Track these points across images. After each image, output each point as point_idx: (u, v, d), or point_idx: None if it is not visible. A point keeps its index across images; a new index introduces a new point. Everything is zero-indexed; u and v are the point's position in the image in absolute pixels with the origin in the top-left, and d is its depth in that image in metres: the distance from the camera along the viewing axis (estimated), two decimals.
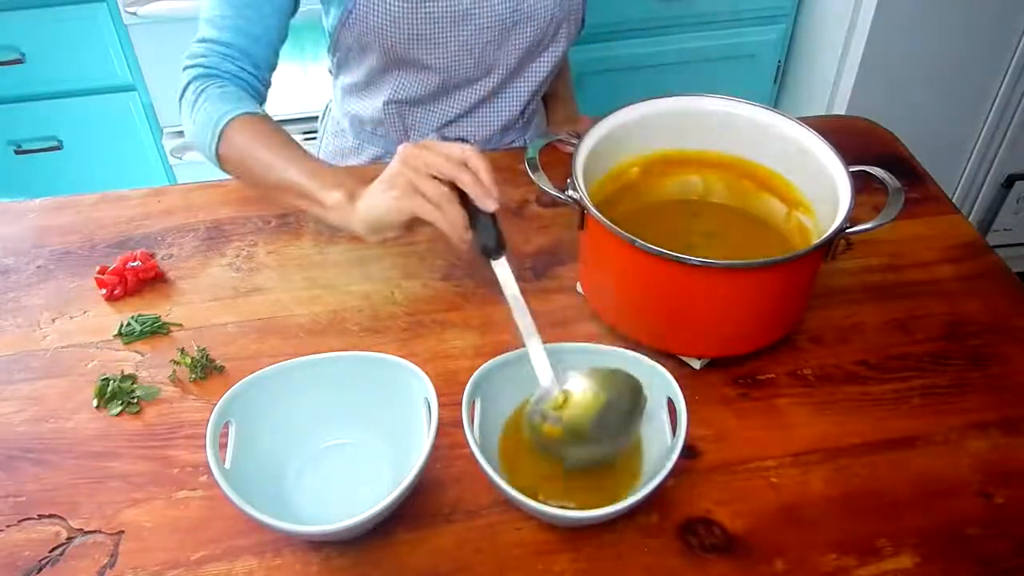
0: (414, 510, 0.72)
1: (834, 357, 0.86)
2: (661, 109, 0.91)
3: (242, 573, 0.69)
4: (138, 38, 1.70)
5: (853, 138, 1.14)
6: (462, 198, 0.79)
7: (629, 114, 0.90)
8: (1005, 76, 1.82)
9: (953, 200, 1.08)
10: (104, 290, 0.93)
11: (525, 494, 0.66)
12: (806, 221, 0.89)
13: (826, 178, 0.84)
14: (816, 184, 0.86)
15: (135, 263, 0.94)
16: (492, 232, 0.78)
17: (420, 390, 0.73)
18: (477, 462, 0.68)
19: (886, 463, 0.77)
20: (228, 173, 0.95)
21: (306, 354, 0.77)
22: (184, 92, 0.96)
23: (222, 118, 0.91)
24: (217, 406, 0.71)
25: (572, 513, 0.68)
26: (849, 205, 0.78)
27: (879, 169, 0.84)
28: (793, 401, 0.82)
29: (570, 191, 0.81)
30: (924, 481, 0.75)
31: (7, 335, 0.89)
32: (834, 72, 1.84)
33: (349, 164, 1.21)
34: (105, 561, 0.70)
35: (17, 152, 1.83)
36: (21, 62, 1.70)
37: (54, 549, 0.71)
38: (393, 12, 0.98)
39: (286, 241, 0.99)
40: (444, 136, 1.14)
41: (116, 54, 1.73)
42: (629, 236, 0.75)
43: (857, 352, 0.87)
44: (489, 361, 0.76)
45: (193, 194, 1.06)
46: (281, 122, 0.93)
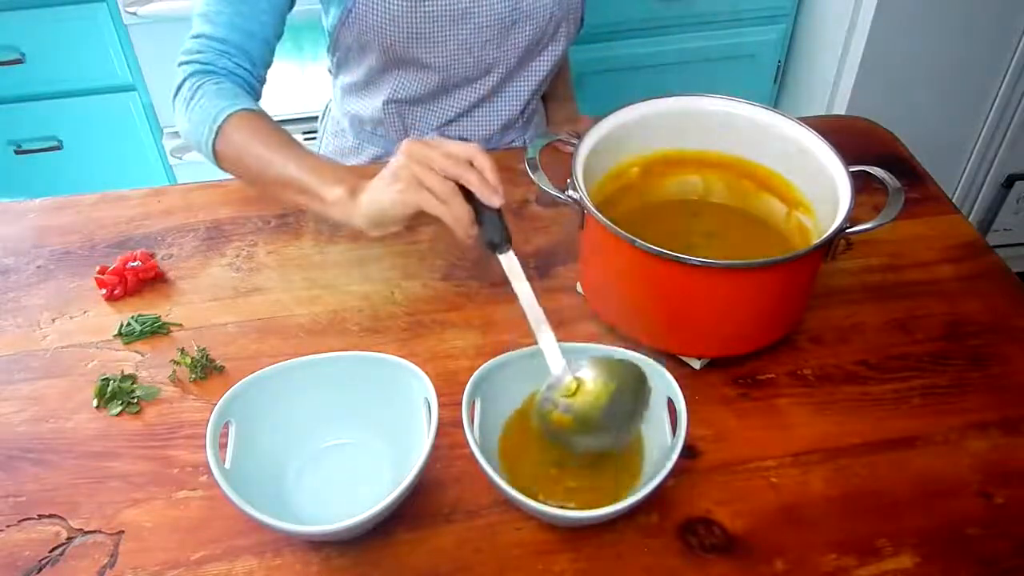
0: (414, 510, 0.72)
1: (834, 357, 0.86)
2: (661, 109, 0.91)
3: (242, 573, 0.69)
4: (138, 38, 1.70)
5: (853, 138, 1.14)
6: (465, 193, 0.79)
7: (629, 114, 0.90)
8: (1005, 76, 1.82)
9: (953, 200, 1.08)
10: (104, 290, 0.93)
11: (525, 494, 0.66)
12: (806, 221, 0.89)
13: (826, 178, 0.84)
14: (816, 184, 0.86)
15: (135, 263, 0.94)
16: (499, 227, 0.78)
17: (420, 390, 0.73)
18: (477, 462, 0.68)
19: (886, 463, 0.77)
20: (225, 170, 0.95)
21: (306, 354, 0.77)
22: (179, 88, 0.95)
23: (219, 114, 0.90)
24: (217, 406, 0.71)
25: (572, 513, 0.68)
26: (849, 205, 0.78)
27: (879, 169, 0.84)
28: (793, 401, 0.82)
29: (570, 191, 0.81)
30: (924, 481, 0.75)
31: (7, 335, 0.89)
32: (834, 72, 1.84)
33: (349, 164, 1.21)
34: (105, 561, 0.70)
35: (17, 152, 1.83)
36: (21, 62, 1.70)
37: (54, 549, 0.71)
38: (393, 11, 0.98)
39: (286, 241, 0.99)
40: (445, 135, 1.14)
41: (116, 54, 1.73)
42: (629, 236, 0.75)
43: (857, 352, 0.87)
44: (489, 361, 0.75)
45: (193, 194, 1.06)
46: (281, 122, 0.93)
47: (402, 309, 0.91)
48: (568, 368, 0.75)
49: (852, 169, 0.82)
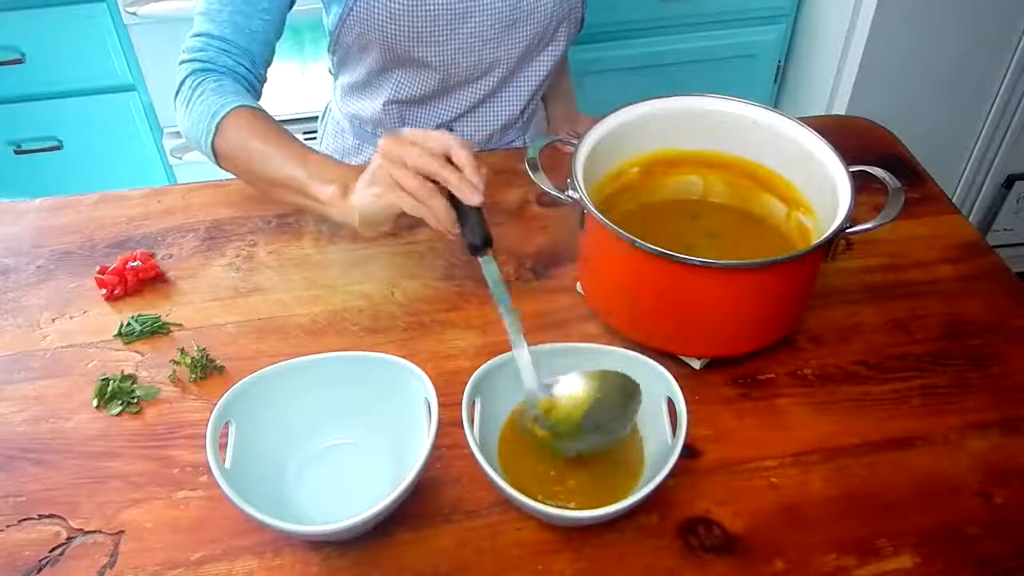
0: (414, 510, 0.72)
1: (834, 357, 0.86)
2: (661, 109, 0.91)
3: (242, 573, 0.69)
4: (138, 38, 1.70)
5: (853, 138, 1.14)
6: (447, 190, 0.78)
7: (629, 114, 0.90)
8: (1005, 76, 1.82)
9: (953, 200, 1.08)
10: (104, 290, 0.93)
11: (525, 494, 0.66)
12: (806, 221, 0.89)
13: (826, 178, 0.84)
14: (816, 184, 0.86)
15: (135, 263, 0.94)
16: (477, 228, 0.78)
17: (420, 390, 0.73)
18: (477, 462, 0.68)
19: (886, 463, 0.77)
20: (224, 168, 0.95)
21: (306, 354, 0.76)
22: (180, 86, 0.95)
23: (219, 111, 0.91)
24: (217, 406, 0.71)
25: (572, 513, 0.68)
26: (849, 205, 0.78)
27: (879, 169, 0.84)
28: (793, 401, 0.82)
29: (570, 191, 0.81)
30: (924, 481, 0.75)
31: (7, 335, 0.89)
32: (834, 72, 1.84)
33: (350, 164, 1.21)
34: (105, 561, 0.70)
35: (17, 152, 1.83)
36: (21, 62, 1.70)
37: (54, 549, 0.71)
38: (393, 9, 0.98)
39: (286, 241, 0.99)
40: None
41: (116, 54, 1.73)
42: (629, 236, 0.75)
43: (857, 352, 0.87)
44: (489, 361, 0.75)
45: (193, 194, 1.06)
46: (281, 122, 0.93)
47: (402, 309, 0.91)
48: (541, 387, 0.75)
49: (852, 169, 0.82)
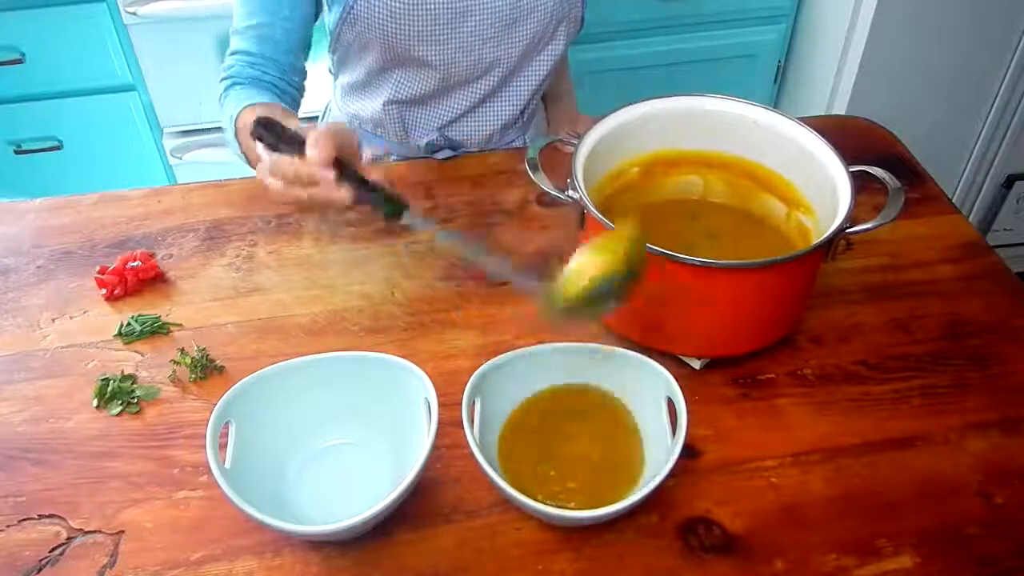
0: (414, 510, 0.72)
1: (834, 357, 0.86)
2: (661, 109, 0.91)
3: (242, 573, 0.69)
4: (138, 38, 1.70)
5: (853, 138, 1.14)
6: (343, 170, 0.77)
7: (629, 114, 0.90)
8: (1005, 76, 1.81)
9: (953, 200, 1.08)
10: (104, 290, 0.93)
11: (525, 494, 0.66)
12: (806, 221, 0.89)
13: (826, 178, 0.84)
14: (816, 184, 0.86)
15: (135, 263, 0.94)
16: (381, 197, 0.79)
17: (420, 390, 0.73)
18: (477, 462, 0.68)
19: (886, 463, 0.77)
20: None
21: (306, 354, 0.76)
22: (218, 101, 1.03)
23: (234, 112, 0.96)
24: (217, 406, 0.71)
25: (572, 513, 0.68)
26: (849, 205, 0.78)
27: (879, 169, 0.84)
28: (793, 401, 0.82)
29: (570, 191, 0.81)
30: (924, 481, 0.75)
31: (7, 335, 0.89)
32: (834, 72, 1.84)
33: None
34: (105, 561, 0.70)
35: (17, 152, 1.83)
36: (21, 62, 1.70)
37: (54, 549, 0.71)
38: (394, 8, 0.98)
39: (286, 241, 0.99)
40: (445, 136, 1.14)
41: (116, 54, 1.73)
42: None
43: (857, 352, 0.87)
44: (489, 361, 0.75)
45: (193, 194, 1.07)
46: None
47: (402, 309, 0.91)
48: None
49: (852, 169, 0.82)
